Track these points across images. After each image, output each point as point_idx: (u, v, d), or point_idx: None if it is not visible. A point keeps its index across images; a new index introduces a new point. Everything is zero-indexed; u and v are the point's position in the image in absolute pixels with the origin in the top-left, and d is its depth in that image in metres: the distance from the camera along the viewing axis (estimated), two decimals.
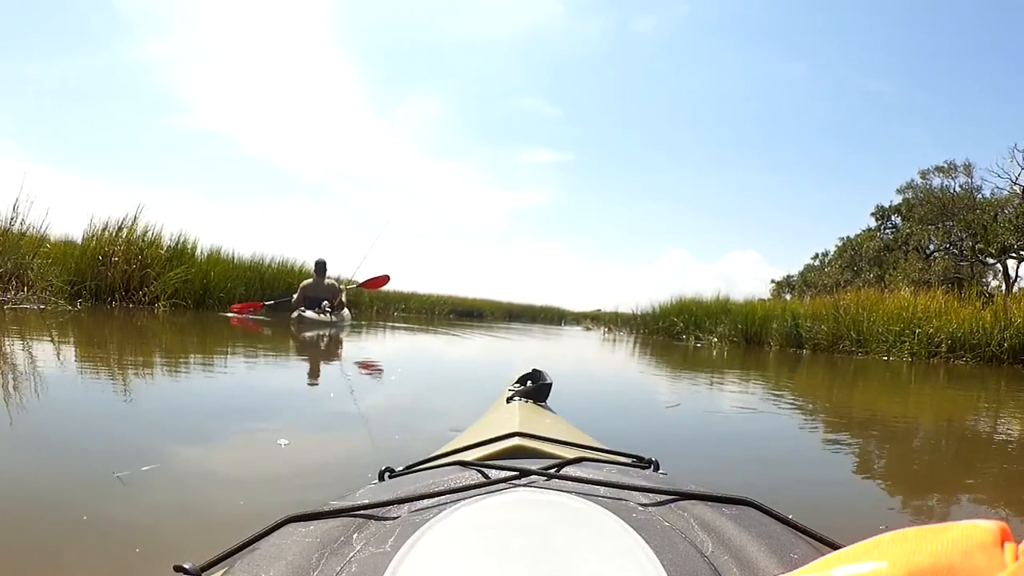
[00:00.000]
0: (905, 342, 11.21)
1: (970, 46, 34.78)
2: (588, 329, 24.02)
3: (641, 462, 0.80)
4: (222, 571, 0.50)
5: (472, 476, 0.65)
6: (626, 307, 22.94)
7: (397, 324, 14.21)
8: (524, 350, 9.48)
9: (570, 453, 0.83)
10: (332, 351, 6.54)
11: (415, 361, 6.55)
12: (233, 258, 12.92)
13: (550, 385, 1.39)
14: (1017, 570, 0.25)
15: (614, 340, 15.47)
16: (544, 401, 1.37)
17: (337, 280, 11.00)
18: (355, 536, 0.51)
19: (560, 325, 31.19)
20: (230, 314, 10.61)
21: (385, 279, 12.65)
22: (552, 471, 0.64)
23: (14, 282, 8.35)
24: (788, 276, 27.85)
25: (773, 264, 53.81)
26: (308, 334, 8.08)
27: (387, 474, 0.74)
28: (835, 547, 0.48)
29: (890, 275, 20.59)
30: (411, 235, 54.50)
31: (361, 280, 12.22)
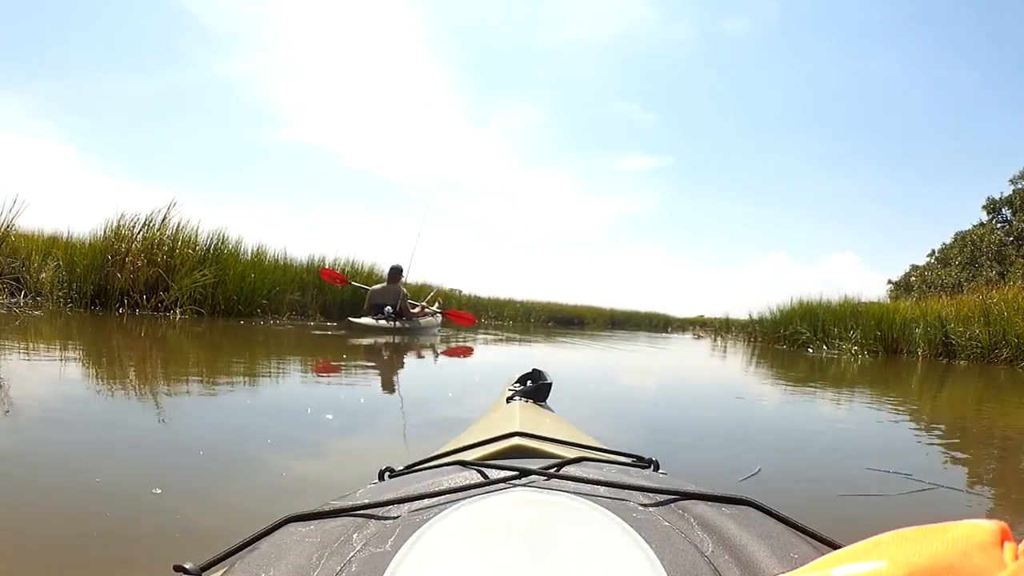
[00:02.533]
0: None
1: None
2: (699, 337, 22.12)
3: (641, 462, 0.79)
4: (222, 571, 0.50)
5: (472, 476, 0.65)
6: (734, 312, 21.38)
7: (486, 332, 13.15)
8: (629, 363, 8.82)
9: (570, 453, 0.82)
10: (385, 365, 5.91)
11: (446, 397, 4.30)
12: (286, 260, 11.97)
13: (550, 385, 1.39)
14: (1017, 570, 0.25)
15: (724, 349, 14.20)
16: (544, 401, 1.37)
17: (419, 295, 10.96)
18: (355, 536, 0.51)
19: (667, 332, 29.46)
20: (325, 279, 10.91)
21: (472, 319, 12.36)
22: (552, 471, 0.64)
23: None
24: (907, 274, 26.17)
25: (872, 266, 52.80)
26: (364, 341, 7.81)
27: (387, 474, 0.74)
28: (835, 547, 0.48)
29: (1010, 272, 18.02)
30: (509, 243, 54.61)
31: (438, 307, 11.84)
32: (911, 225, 52.75)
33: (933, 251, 25.49)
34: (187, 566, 0.47)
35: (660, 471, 0.76)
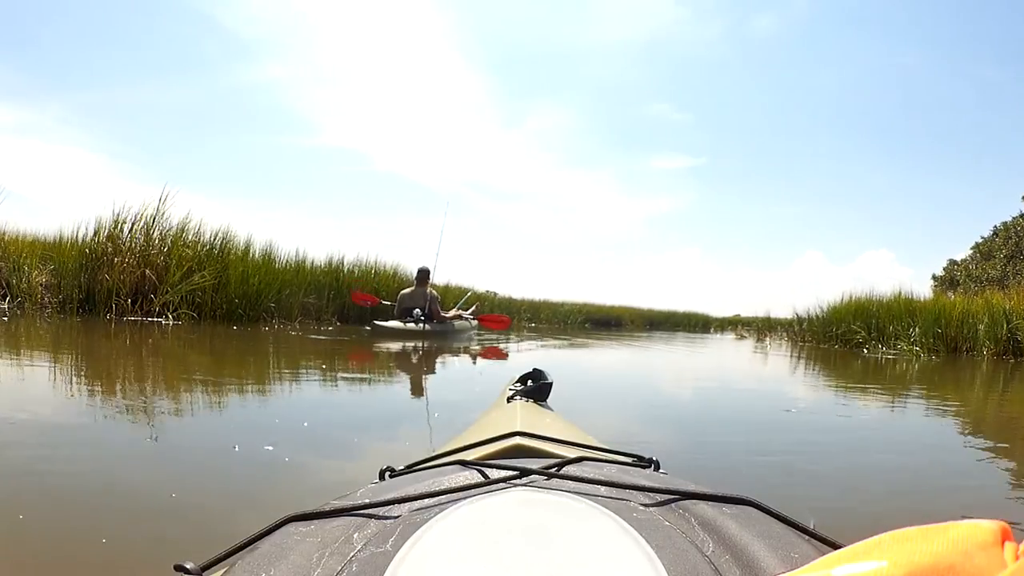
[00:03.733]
0: None
1: None
2: (741, 337, 21.37)
3: (642, 461, 0.79)
4: (223, 571, 0.50)
5: (472, 476, 0.65)
6: (773, 312, 20.75)
7: (520, 336, 12.75)
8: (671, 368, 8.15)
9: (570, 452, 0.83)
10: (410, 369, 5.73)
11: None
12: (299, 261, 11.30)
13: (550, 384, 1.39)
14: (1018, 570, 0.25)
15: (767, 350, 13.63)
16: (544, 400, 1.37)
17: (453, 298, 10.80)
18: (356, 535, 0.52)
19: (709, 332, 28.75)
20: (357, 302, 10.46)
21: (507, 321, 12.10)
22: (552, 471, 0.64)
23: None
24: (949, 268, 26.21)
25: (906, 263, 53.78)
26: (389, 346, 7.58)
27: (387, 473, 0.75)
28: (836, 547, 0.48)
29: None
30: (544, 245, 54.66)
31: (469, 312, 11.30)
32: (945, 220, 53.90)
33: (977, 243, 25.21)
34: (188, 566, 0.47)
35: (661, 471, 0.76)
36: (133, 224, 8.60)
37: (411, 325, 9.27)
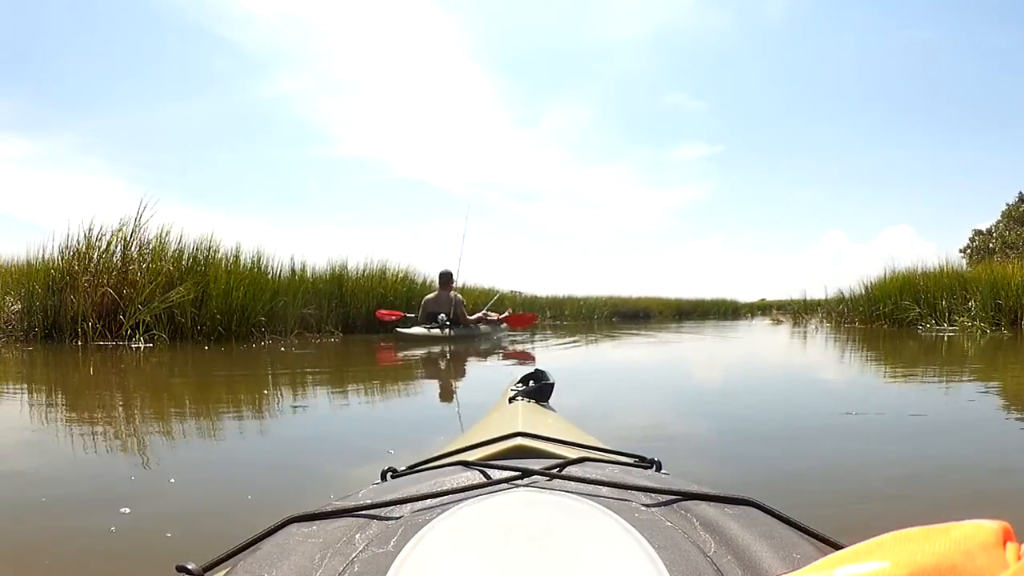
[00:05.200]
0: None
1: None
2: (778, 322, 20.17)
3: (643, 462, 0.79)
4: (224, 571, 0.51)
5: (474, 476, 0.66)
6: (797, 294, 19.81)
7: (544, 334, 11.85)
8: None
9: (572, 453, 0.83)
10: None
11: None
12: (295, 270, 10.50)
13: (552, 385, 1.40)
14: (1019, 570, 0.25)
15: (805, 334, 12.87)
16: (546, 401, 1.39)
17: (477, 300, 10.59)
18: (357, 536, 0.52)
19: (739, 318, 27.56)
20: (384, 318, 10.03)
21: (532, 318, 11.65)
22: (554, 471, 0.65)
23: None
24: (981, 237, 26.50)
25: (926, 237, 55.19)
26: (409, 353, 7.31)
27: (389, 474, 0.75)
28: (838, 547, 0.48)
29: None
30: (567, 242, 54.42)
31: (496, 314, 10.94)
32: (962, 192, 54.65)
33: (1005, 210, 25.46)
34: (189, 566, 0.47)
35: (662, 471, 0.76)
36: (103, 239, 8.04)
37: (435, 331, 9.06)
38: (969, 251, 26.85)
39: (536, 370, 1.54)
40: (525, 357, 7.41)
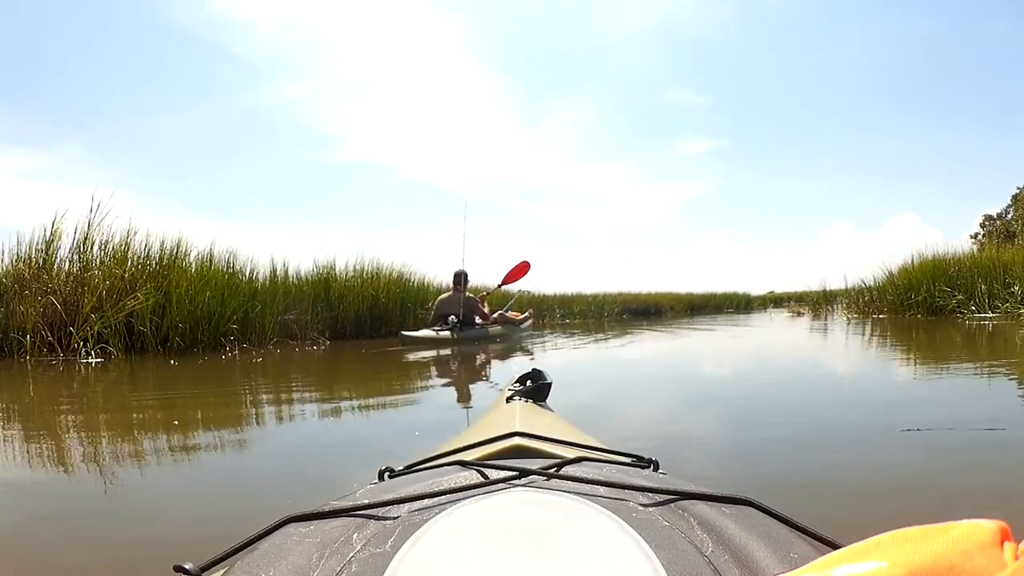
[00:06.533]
0: None
1: None
2: (797, 314, 19.20)
3: (641, 461, 0.79)
4: (222, 571, 0.51)
5: (472, 476, 0.66)
6: (803, 285, 19.13)
7: (555, 334, 11.18)
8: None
9: (570, 453, 0.83)
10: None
11: None
12: (277, 273, 9.67)
13: (550, 384, 1.40)
14: (1017, 569, 0.25)
15: (825, 327, 12.19)
16: (544, 401, 1.38)
17: (475, 292, 9.95)
18: (355, 536, 0.52)
19: (752, 311, 26.62)
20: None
21: (525, 266, 10.77)
22: (552, 471, 0.65)
23: None
24: (997, 221, 26.56)
25: (931, 224, 54.82)
26: (415, 356, 6.99)
27: (387, 474, 0.76)
28: (835, 547, 0.48)
29: None
30: (575, 240, 54.18)
31: (517, 314, 10.63)
32: (965, 179, 54.79)
33: (1020, 192, 25.75)
34: (187, 566, 0.47)
35: (660, 471, 0.76)
36: (45, 243, 7.34)
37: (444, 333, 8.83)
38: (982, 236, 26.67)
39: (533, 369, 1.53)
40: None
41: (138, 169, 36.13)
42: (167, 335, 7.50)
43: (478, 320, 9.49)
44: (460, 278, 9.41)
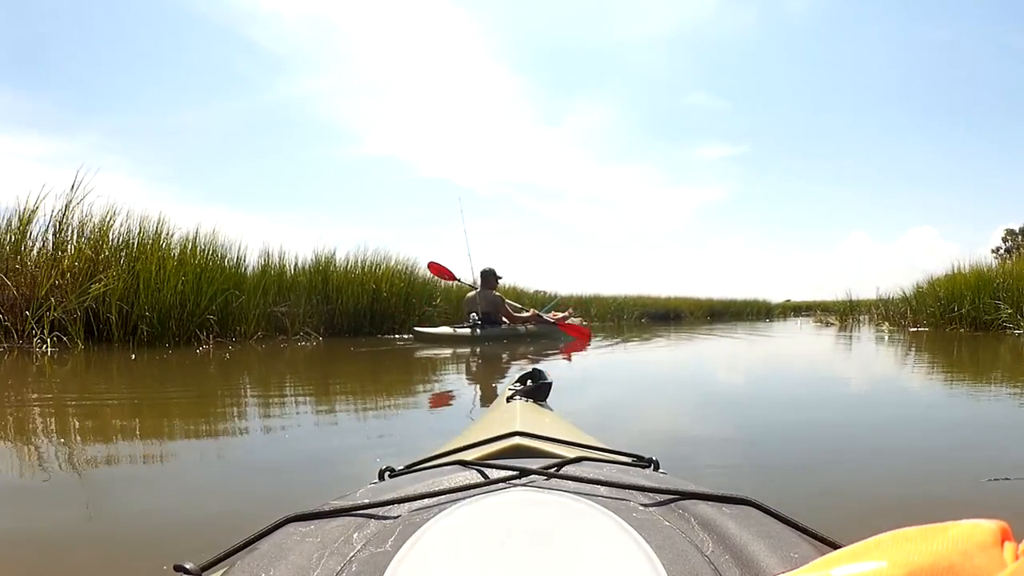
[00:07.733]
0: None
1: None
2: (825, 324, 18.13)
3: (641, 461, 0.78)
4: (222, 571, 0.51)
5: (472, 476, 0.66)
6: (821, 295, 18.22)
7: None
8: None
9: (570, 452, 0.83)
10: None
11: None
12: (269, 261, 9.05)
13: (550, 384, 1.38)
14: (1017, 569, 0.25)
15: (850, 339, 11.27)
16: (544, 400, 1.37)
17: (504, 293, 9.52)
18: (355, 536, 0.52)
19: (772, 319, 25.74)
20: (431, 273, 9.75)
21: (587, 333, 9.62)
22: (552, 471, 0.65)
23: None
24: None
25: (949, 238, 55.08)
26: (424, 354, 6.78)
27: (387, 474, 0.76)
28: (835, 547, 0.48)
29: None
30: (592, 241, 53.43)
31: (549, 313, 9.99)
32: (984, 194, 54.93)
33: None
34: (187, 566, 0.47)
35: (660, 471, 0.76)
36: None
37: (464, 331, 8.64)
38: (1003, 251, 26.08)
39: (534, 369, 1.52)
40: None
41: (156, 157, 36.03)
42: (136, 324, 6.98)
43: (522, 316, 9.28)
44: (486, 276, 9.23)
